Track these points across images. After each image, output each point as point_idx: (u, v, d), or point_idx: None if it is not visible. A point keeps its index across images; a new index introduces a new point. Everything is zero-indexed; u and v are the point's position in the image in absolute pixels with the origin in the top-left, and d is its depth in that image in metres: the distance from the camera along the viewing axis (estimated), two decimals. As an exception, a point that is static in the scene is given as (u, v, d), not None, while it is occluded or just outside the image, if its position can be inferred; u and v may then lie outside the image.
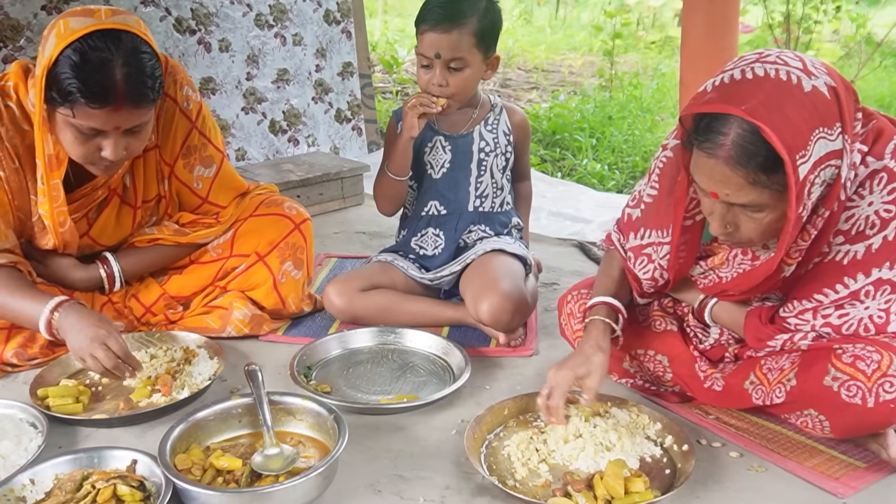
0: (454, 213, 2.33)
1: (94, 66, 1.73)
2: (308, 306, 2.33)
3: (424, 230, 2.36)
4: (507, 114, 2.34)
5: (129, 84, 1.76)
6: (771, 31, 5.79)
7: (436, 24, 2.08)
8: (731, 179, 1.40)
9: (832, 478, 1.57)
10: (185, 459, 1.57)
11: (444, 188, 2.32)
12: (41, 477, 1.54)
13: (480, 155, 2.30)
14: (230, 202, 2.26)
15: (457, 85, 2.14)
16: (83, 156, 1.86)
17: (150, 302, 2.20)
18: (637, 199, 1.81)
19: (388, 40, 7.90)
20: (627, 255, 1.82)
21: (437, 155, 2.31)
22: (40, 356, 2.04)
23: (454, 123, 2.31)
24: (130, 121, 1.81)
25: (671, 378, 1.85)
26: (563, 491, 1.51)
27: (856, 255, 1.51)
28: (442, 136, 2.30)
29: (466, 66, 2.13)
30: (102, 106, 1.74)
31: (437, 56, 2.10)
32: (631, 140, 4.76)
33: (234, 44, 3.62)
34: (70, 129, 1.80)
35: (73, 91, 1.73)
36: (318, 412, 1.69)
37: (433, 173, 2.32)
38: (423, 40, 2.12)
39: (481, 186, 2.32)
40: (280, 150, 3.87)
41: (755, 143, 1.35)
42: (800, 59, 1.40)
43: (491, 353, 2.13)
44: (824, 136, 1.37)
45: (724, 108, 1.38)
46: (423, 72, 2.17)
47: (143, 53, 1.79)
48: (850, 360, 1.48)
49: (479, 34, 2.11)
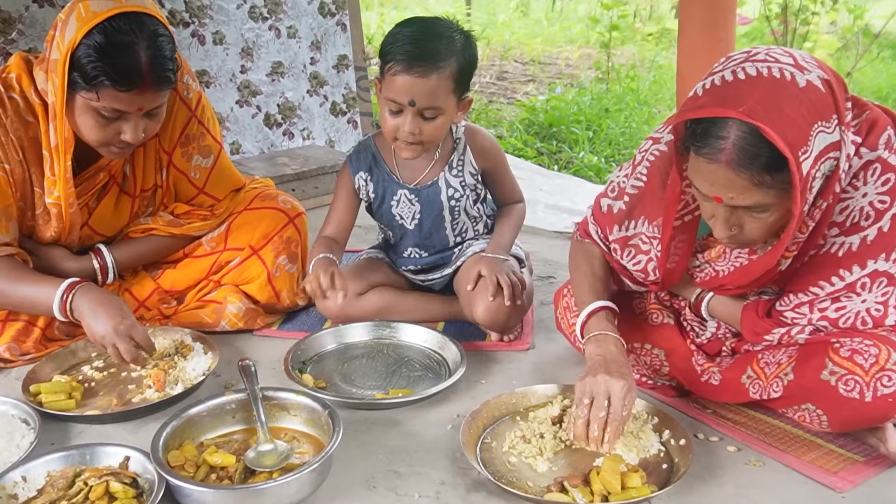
0: (436, 253, 2.24)
1: (120, 48, 1.73)
2: (302, 300, 2.31)
3: (413, 262, 2.27)
4: (468, 139, 2.12)
5: (154, 67, 1.76)
6: (768, 22, 5.77)
7: (410, 67, 1.84)
8: (735, 183, 1.37)
9: (830, 472, 1.56)
10: (178, 456, 1.56)
11: (421, 237, 2.20)
12: (33, 474, 1.53)
13: (451, 203, 2.14)
14: (226, 196, 2.25)
15: (430, 133, 1.93)
16: (102, 139, 1.85)
17: (143, 296, 2.19)
18: (618, 191, 1.79)
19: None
20: (613, 248, 1.80)
21: (405, 207, 2.15)
22: (33, 351, 2.03)
23: (415, 171, 2.12)
24: (152, 103, 1.83)
25: (668, 372, 1.84)
26: (559, 486, 1.49)
27: (851, 246, 1.50)
28: (406, 190, 2.13)
29: (441, 113, 1.92)
30: (130, 89, 1.75)
31: (412, 104, 1.87)
32: (628, 132, 4.75)
33: (229, 36, 3.59)
34: (91, 113, 1.80)
35: (99, 74, 1.73)
36: (312, 408, 1.68)
37: (406, 223, 2.18)
38: (393, 83, 1.87)
39: (458, 226, 2.20)
40: (275, 144, 3.85)
41: (757, 144, 1.33)
42: (789, 54, 1.39)
43: (487, 347, 2.12)
44: (823, 130, 1.35)
45: (721, 111, 1.35)
46: (391, 117, 1.92)
47: (163, 36, 1.80)
48: (848, 354, 1.47)
49: (458, 77, 1.90)
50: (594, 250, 1.87)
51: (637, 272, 1.77)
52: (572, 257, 1.91)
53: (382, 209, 2.18)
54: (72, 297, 1.87)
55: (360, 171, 2.15)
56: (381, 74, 1.92)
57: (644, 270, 1.76)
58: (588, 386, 1.58)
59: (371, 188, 2.16)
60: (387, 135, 1.98)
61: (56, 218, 1.98)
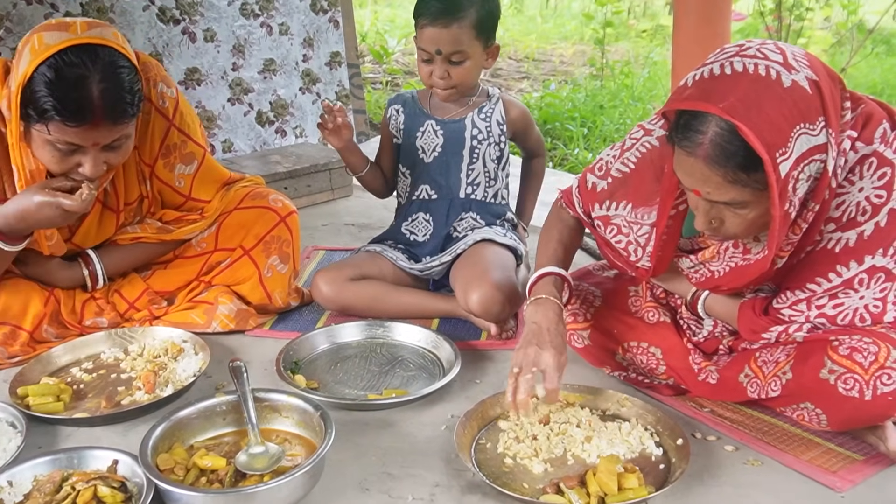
0: (445, 199, 2.32)
1: (70, 83, 1.68)
2: (295, 300, 2.29)
3: (415, 215, 2.35)
4: (505, 106, 2.32)
5: (107, 100, 1.71)
6: (762, 18, 5.75)
7: (435, 19, 2.09)
8: (710, 178, 1.37)
9: (829, 471, 1.54)
10: (167, 459, 1.53)
11: (436, 173, 2.31)
12: (19, 478, 1.50)
13: (473, 142, 2.28)
14: (214, 195, 2.21)
15: (459, 77, 2.17)
16: (62, 171, 1.82)
17: (133, 297, 2.16)
18: (605, 171, 1.77)
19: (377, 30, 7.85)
20: (597, 224, 1.79)
21: (428, 139, 2.30)
22: (21, 354, 2.00)
23: (447, 109, 2.31)
24: (109, 137, 1.77)
25: (665, 371, 1.81)
26: (555, 488, 1.47)
27: (847, 242, 1.48)
28: (433, 121, 2.30)
29: (467, 58, 2.14)
30: (80, 124, 1.70)
31: (438, 52, 2.12)
32: (622, 129, 4.73)
33: (220, 34, 3.56)
34: (47, 146, 1.76)
35: (48, 109, 1.68)
36: (304, 409, 1.65)
37: (425, 157, 2.31)
38: (422, 35, 2.13)
39: (473, 174, 2.30)
40: (267, 142, 3.82)
41: (733, 142, 1.32)
42: (781, 51, 1.36)
43: (481, 346, 2.10)
44: (806, 132, 1.33)
45: (702, 105, 1.34)
46: (424, 66, 2.18)
47: (122, 68, 1.75)
48: (847, 353, 1.45)
49: (479, 25, 2.12)
50: (570, 219, 1.88)
51: (619, 250, 1.76)
52: (547, 222, 1.92)
53: (408, 142, 2.34)
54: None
55: (396, 104, 2.38)
56: (416, 31, 2.18)
57: (625, 250, 1.75)
58: (519, 357, 1.60)
59: (402, 119, 2.35)
60: (423, 81, 2.23)
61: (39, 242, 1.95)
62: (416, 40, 2.18)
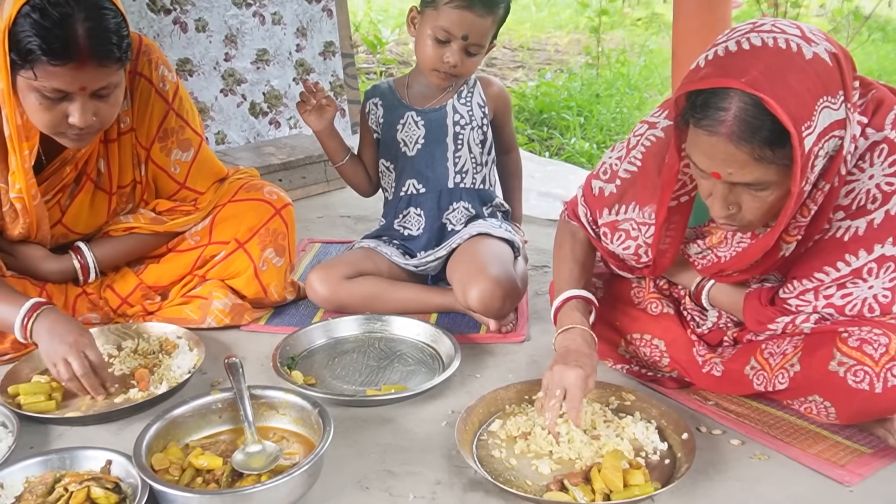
0: (434, 191, 2.25)
1: (55, 21, 1.63)
2: (291, 294, 2.25)
3: (406, 210, 2.29)
4: (482, 86, 2.26)
5: (92, 39, 1.66)
6: (758, 5, 5.72)
7: (472, 5, 2.00)
8: (734, 157, 1.32)
9: (837, 465, 1.52)
10: (162, 459, 1.50)
11: (421, 165, 2.24)
12: (10, 480, 1.47)
13: (455, 129, 2.21)
14: (208, 188, 2.17)
15: (468, 67, 2.11)
16: (50, 123, 1.75)
17: (126, 292, 2.12)
18: (610, 174, 1.74)
19: (371, 20, 7.78)
20: (602, 232, 1.76)
21: (409, 131, 2.23)
22: (11, 351, 1.95)
23: (425, 97, 2.23)
24: (96, 80, 1.71)
25: (668, 363, 1.79)
26: (559, 485, 1.44)
27: (857, 230, 1.45)
28: (413, 112, 2.22)
29: (482, 51, 2.10)
30: (65, 63, 1.65)
31: (465, 38, 2.03)
32: (619, 118, 4.70)
33: (212, 23, 3.51)
34: (34, 94, 1.71)
35: (33, 49, 1.63)
36: (301, 406, 1.62)
37: (408, 151, 2.24)
38: (448, 14, 2.01)
39: (460, 161, 2.24)
40: (261, 133, 3.78)
41: (759, 116, 1.28)
42: (797, 26, 1.33)
43: (481, 339, 2.07)
44: (828, 106, 1.30)
45: (723, 81, 1.30)
46: (436, 46, 2.06)
47: (106, 9, 1.70)
48: (857, 344, 1.42)
49: (500, 22, 2.10)
50: (579, 233, 1.83)
51: (628, 256, 1.72)
52: (557, 238, 1.87)
53: (388, 136, 2.25)
54: (33, 320, 1.78)
55: (373, 97, 2.28)
56: (430, 4, 2.04)
57: (636, 254, 1.71)
58: (546, 379, 1.57)
59: (381, 113, 2.26)
60: (425, 63, 2.11)
61: (21, 213, 1.90)
62: (427, 16, 2.06)
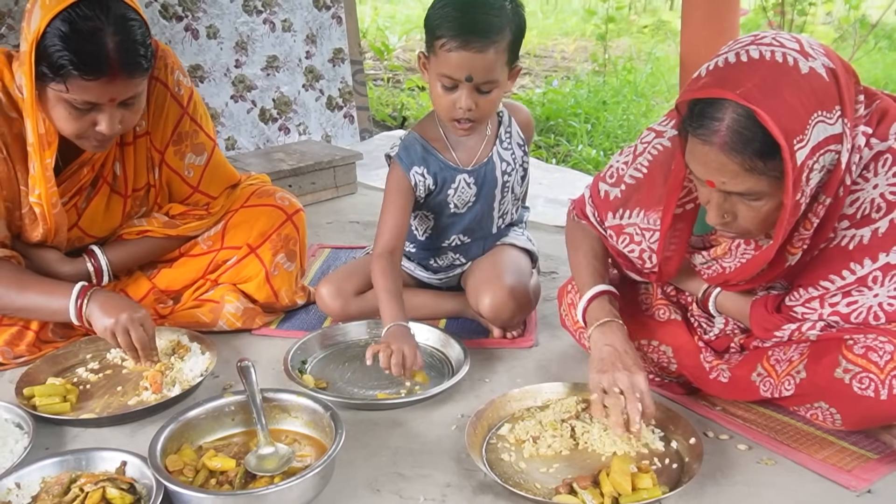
0: (479, 241, 2.18)
1: (85, 35, 1.66)
2: (301, 299, 2.27)
3: (445, 255, 2.20)
4: (514, 117, 2.10)
5: (122, 53, 1.70)
6: (765, 13, 5.74)
7: (467, 43, 1.76)
8: (726, 167, 1.35)
9: (844, 470, 1.53)
10: (176, 460, 1.52)
11: (470, 222, 2.12)
12: (27, 480, 1.49)
13: (504, 178, 2.09)
14: (221, 193, 2.20)
15: (485, 108, 1.87)
16: (77, 131, 1.79)
17: (139, 296, 2.14)
18: (616, 178, 1.75)
19: (378, 27, 7.82)
20: (609, 234, 1.78)
21: (462, 193, 2.06)
22: (27, 354, 1.99)
23: (471, 151, 2.05)
24: (125, 92, 1.75)
25: (676, 369, 1.80)
26: (568, 488, 1.46)
27: (862, 239, 1.46)
28: (465, 174, 2.04)
29: (497, 86, 1.86)
30: (97, 77, 1.68)
31: (469, 79, 1.80)
32: (626, 125, 4.71)
33: (222, 30, 3.55)
34: (63, 104, 1.74)
35: (65, 64, 1.66)
36: (313, 409, 1.64)
37: (458, 210, 2.09)
38: (447, 59, 1.79)
39: (503, 207, 2.15)
40: (271, 139, 3.81)
41: (751, 128, 1.31)
42: (797, 40, 1.35)
43: (490, 344, 2.08)
44: (823, 120, 1.32)
45: (719, 92, 1.33)
46: (445, 94, 1.85)
47: (132, 20, 1.73)
48: (862, 352, 1.44)
49: (512, 47, 1.83)
50: (591, 231, 1.85)
51: (634, 259, 1.75)
52: (569, 237, 1.89)
53: (437, 199, 2.07)
54: (87, 301, 1.86)
55: (414, 165, 2.01)
56: (430, 50, 1.85)
57: (640, 258, 1.73)
58: (607, 380, 1.57)
59: (430, 181, 2.03)
60: (441, 112, 1.91)
61: (41, 217, 1.93)
62: (431, 62, 1.86)
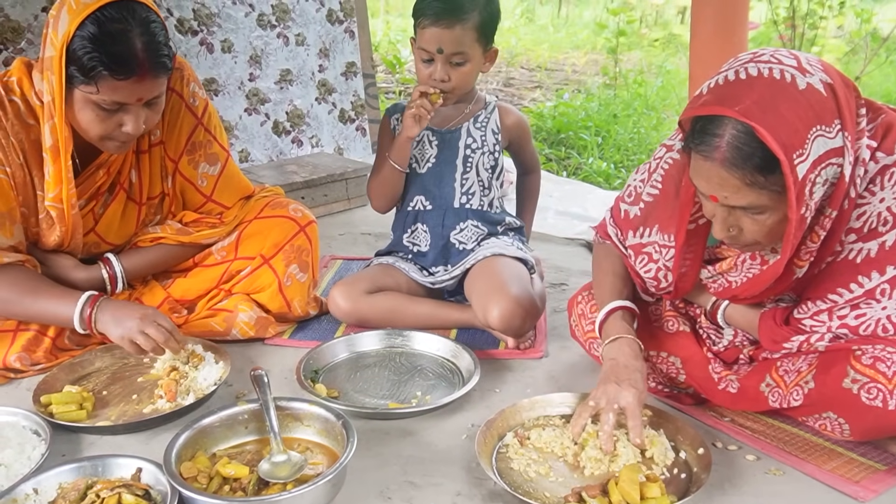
0: (439, 209, 2.30)
1: (115, 36, 1.72)
2: (314, 309, 2.30)
3: (413, 226, 2.34)
4: (501, 114, 2.32)
5: (149, 53, 1.76)
6: (776, 27, 5.75)
7: (437, 19, 2.07)
8: (727, 182, 1.38)
9: (852, 481, 1.53)
10: (190, 467, 1.54)
11: (429, 183, 2.30)
12: (44, 486, 1.51)
13: (466, 151, 2.28)
14: (234, 203, 2.23)
15: (458, 79, 2.14)
16: (104, 132, 1.84)
17: (153, 305, 2.16)
18: (635, 196, 1.78)
19: (390, 40, 7.88)
20: (628, 253, 1.80)
21: (423, 149, 2.29)
22: (44, 361, 2.01)
23: (444, 118, 2.29)
24: (151, 91, 1.81)
25: (685, 380, 1.81)
26: (577, 497, 1.47)
27: (869, 252, 1.48)
28: (429, 131, 2.29)
29: (468, 60, 2.13)
30: (127, 77, 1.73)
31: (440, 51, 2.10)
32: (636, 138, 4.73)
33: (237, 44, 3.59)
34: (91, 107, 1.79)
35: (96, 65, 1.71)
36: (325, 418, 1.66)
37: (418, 168, 2.30)
38: (423, 34, 2.11)
39: (467, 183, 2.29)
40: (283, 152, 3.84)
41: (750, 143, 1.33)
42: (794, 56, 1.38)
43: (500, 355, 2.10)
44: (822, 134, 1.34)
45: (718, 109, 1.36)
46: (424, 66, 2.16)
47: (155, 22, 1.79)
48: (870, 362, 1.45)
49: (481, 28, 2.11)
50: (614, 250, 1.87)
51: (649, 280, 1.76)
52: (595, 257, 1.93)
53: None
54: (95, 310, 1.89)
55: (395, 113, 2.34)
56: (414, 32, 2.16)
57: (655, 278, 1.75)
58: (598, 394, 1.61)
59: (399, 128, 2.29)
60: (421, 82, 2.18)
61: (58, 220, 1.96)
62: (416, 40, 2.16)
